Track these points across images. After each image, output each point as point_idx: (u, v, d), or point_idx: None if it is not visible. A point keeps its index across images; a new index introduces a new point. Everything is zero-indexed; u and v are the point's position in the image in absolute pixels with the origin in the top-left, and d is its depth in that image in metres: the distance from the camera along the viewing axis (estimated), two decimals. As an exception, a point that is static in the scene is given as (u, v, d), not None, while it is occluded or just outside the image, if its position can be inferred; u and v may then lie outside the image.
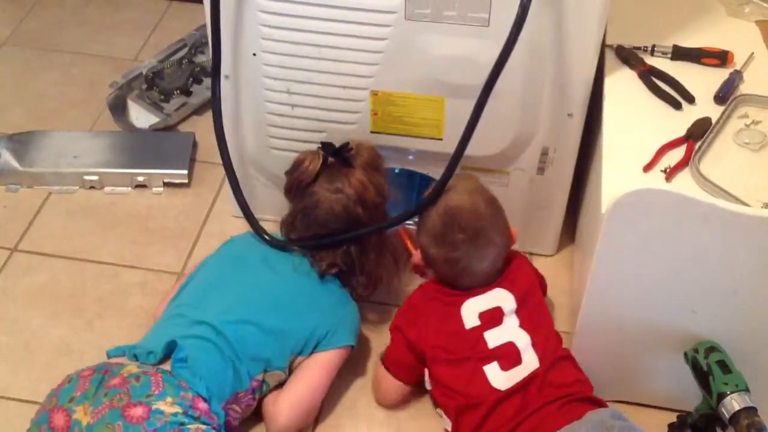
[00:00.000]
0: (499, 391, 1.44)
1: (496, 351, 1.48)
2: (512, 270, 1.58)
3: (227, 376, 1.44)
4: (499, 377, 1.46)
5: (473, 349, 1.49)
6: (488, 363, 1.47)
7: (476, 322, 1.51)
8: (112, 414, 1.28)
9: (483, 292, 1.54)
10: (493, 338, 1.49)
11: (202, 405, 1.36)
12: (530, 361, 1.46)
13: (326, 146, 1.61)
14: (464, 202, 1.56)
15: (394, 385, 1.59)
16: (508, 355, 1.47)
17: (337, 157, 1.60)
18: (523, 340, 1.48)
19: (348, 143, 1.62)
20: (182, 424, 1.29)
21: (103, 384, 1.34)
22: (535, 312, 1.54)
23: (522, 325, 1.50)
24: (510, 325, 1.50)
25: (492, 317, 1.51)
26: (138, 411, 1.29)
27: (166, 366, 1.39)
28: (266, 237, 1.63)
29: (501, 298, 1.53)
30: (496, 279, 1.56)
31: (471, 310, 1.53)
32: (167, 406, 1.31)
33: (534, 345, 1.48)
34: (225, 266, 1.62)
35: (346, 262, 1.61)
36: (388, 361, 1.60)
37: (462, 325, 1.52)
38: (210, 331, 1.47)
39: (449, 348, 1.51)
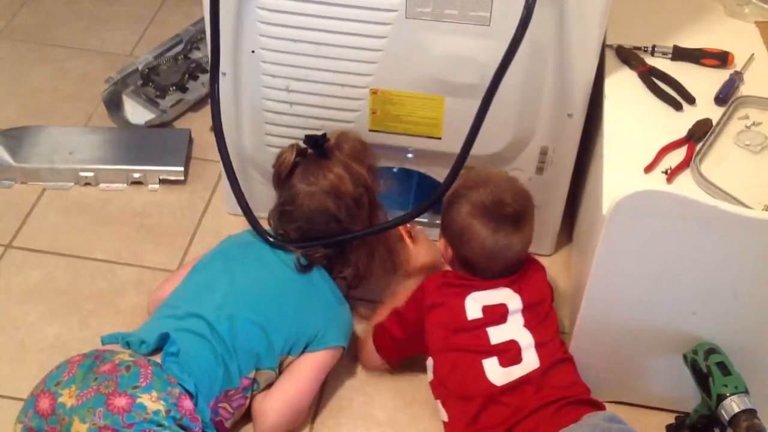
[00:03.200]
0: (494, 386, 1.43)
1: (497, 347, 1.47)
2: (525, 273, 1.57)
3: (217, 373, 1.44)
4: (496, 372, 1.45)
5: (474, 341, 1.48)
6: (488, 357, 1.46)
7: (479, 314, 1.50)
8: (96, 399, 1.29)
9: (491, 287, 1.53)
10: (496, 335, 1.49)
11: (188, 404, 1.35)
12: (530, 362, 1.46)
13: (307, 139, 1.60)
14: (513, 181, 1.59)
15: (373, 357, 1.62)
16: (509, 353, 1.47)
17: (314, 148, 1.58)
18: (526, 339, 1.48)
19: (324, 134, 1.60)
20: (161, 425, 1.29)
21: (93, 369, 1.34)
22: (543, 317, 1.53)
23: (527, 325, 1.50)
24: (514, 324, 1.50)
25: (495, 313, 1.51)
26: (122, 401, 1.29)
27: (158, 358, 1.39)
28: (268, 238, 1.62)
29: (507, 296, 1.52)
30: (508, 276, 1.55)
31: (475, 302, 1.52)
32: (151, 402, 1.30)
33: (537, 347, 1.47)
34: (221, 262, 1.61)
35: (337, 253, 1.61)
36: (377, 338, 1.61)
37: (464, 315, 1.51)
38: (203, 325, 1.46)
39: (450, 337, 1.50)
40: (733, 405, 1.34)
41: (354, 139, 1.62)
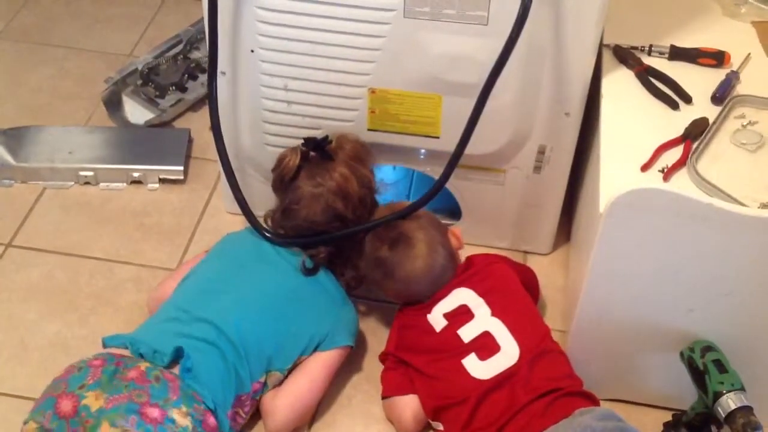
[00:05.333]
0: (481, 381, 1.44)
1: (471, 344, 1.49)
2: (473, 267, 1.60)
3: (229, 382, 1.44)
4: (479, 368, 1.46)
5: (448, 346, 1.50)
6: (465, 356, 1.47)
7: (444, 323, 1.53)
8: (129, 406, 1.29)
9: (443, 297, 1.56)
10: (468, 333, 1.50)
11: (212, 420, 1.36)
12: (510, 349, 1.46)
13: (307, 141, 1.61)
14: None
15: (399, 407, 1.56)
16: (485, 345, 1.48)
17: (317, 151, 1.60)
18: (498, 327, 1.49)
19: (327, 136, 1.61)
20: None
21: (118, 375, 1.33)
22: (511, 301, 1.55)
23: (495, 314, 1.51)
24: (482, 316, 1.51)
25: (460, 314, 1.52)
26: (155, 413, 1.29)
27: (175, 371, 1.39)
28: (266, 234, 1.62)
29: (462, 296, 1.54)
30: (450, 279, 1.57)
31: (437, 314, 1.55)
32: (181, 417, 1.31)
33: (512, 332, 1.48)
34: (226, 263, 1.62)
35: (340, 255, 1.63)
36: (384, 389, 1.60)
37: (433, 330, 1.54)
38: (212, 331, 1.46)
39: (426, 352, 1.52)
40: (729, 402, 1.34)
41: (354, 141, 1.64)
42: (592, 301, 1.48)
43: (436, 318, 1.54)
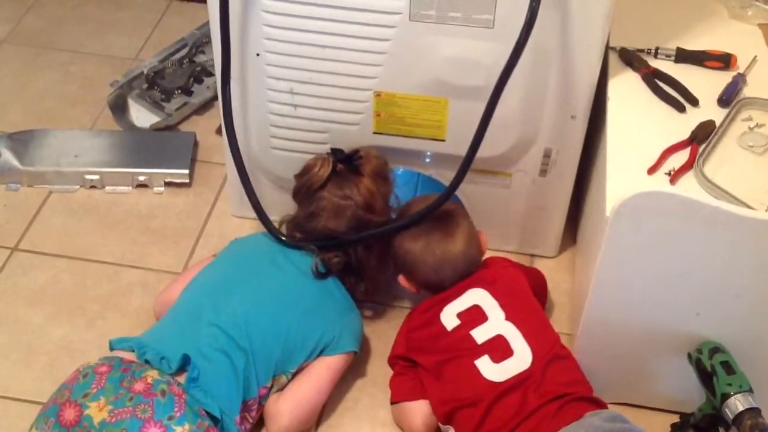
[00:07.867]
0: (494, 383, 1.44)
1: (485, 345, 1.48)
2: (487, 269, 1.60)
3: (238, 389, 1.44)
4: (492, 370, 1.46)
5: (461, 346, 1.50)
6: (479, 357, 1.47)
7: (456, 322, 1.53)
8: (132, 422, 1.28)
9: (459, 294, 1.56)
10: (481, 334, 1.50)
11: None
12: (523, 353, 1.46)
13: (336, 152, 1.63)
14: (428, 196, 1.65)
15: (409, 413, 1.56)
16: (498, 348, 1.47)
17: (346, 163, 1.61)
18: (511, 331, 1.48)
19: (358, 150, 1.64)
20: None
21: (124, 384, 1.33)
22: (523, 305, 1.55)
23: (509, 318, 1.51)
24: (495, 319, 1.51)
25: (473, 315, 1.52)
26: None
27: (181, 378, 1.39)
28: (281, 238, 1.63)
29: (477, 296, 1.54)
30: (470, 277, 1.58)
31: (449, 314, 1.54)
32: None
33: (525, 336, 1.48)
34: (235, 267, 1.62)
35: (353, 262, 1.63)
36: (393, 394, 1.59)
37: (444, 329, 1.53)
38: (221, 336, 1.46)
39: (438, 354, 1.52)
40: (737, 404, 1.34)
41: (378, 157, 1.66)
42: (598, 304, 1.48)
43: (449, 317, 1.54)
